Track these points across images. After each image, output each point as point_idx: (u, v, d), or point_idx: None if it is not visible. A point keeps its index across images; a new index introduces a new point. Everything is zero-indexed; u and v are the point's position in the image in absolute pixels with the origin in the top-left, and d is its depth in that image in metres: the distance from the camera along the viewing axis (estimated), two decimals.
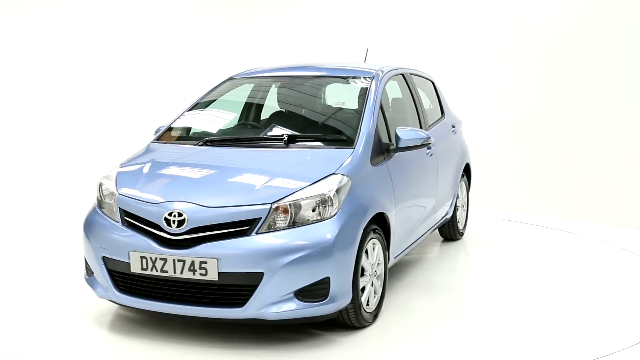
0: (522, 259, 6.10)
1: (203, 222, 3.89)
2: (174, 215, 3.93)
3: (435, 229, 5.95)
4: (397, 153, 4.75)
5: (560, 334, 4.31)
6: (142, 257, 3.96)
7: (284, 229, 3.87)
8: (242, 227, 3.87)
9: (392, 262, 4.75)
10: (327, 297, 3.88)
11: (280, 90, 5.52)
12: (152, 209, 4.04)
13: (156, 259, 3.92)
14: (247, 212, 3.88)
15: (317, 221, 3.91)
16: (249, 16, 10.64)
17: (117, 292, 4.15)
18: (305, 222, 3.90)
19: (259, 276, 3.79)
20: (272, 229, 3.87)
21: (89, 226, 4.33)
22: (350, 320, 4.18)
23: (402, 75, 5.59)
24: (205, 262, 3.82)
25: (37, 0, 9.22)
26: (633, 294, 5.09)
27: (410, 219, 5.02)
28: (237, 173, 4.32)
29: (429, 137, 4.78)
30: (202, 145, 4.73)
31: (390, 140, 4.77)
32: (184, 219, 3.91)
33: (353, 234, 4.00)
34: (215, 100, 5.41)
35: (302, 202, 3.93)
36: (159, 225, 3.98)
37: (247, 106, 5.56)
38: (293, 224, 3.89)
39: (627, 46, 7.21)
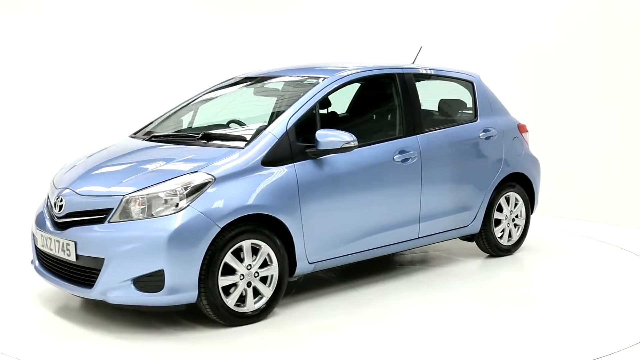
0: (521, 258, 6.08)
1: (75, 208, 4.37)
2: (59, 200, 4.47)
3: (441, 241, 5.68)
4: (325, 156, 4.70)
5: (560, 334, 4.31)
6: (41, 235, 4.56)
7: (136, 219, 4.16)
8: (100, 215, 4.24)
9: (308, 268, 4.69)
10: (162, 289, 4.09)
11: (247, 92, 5.69)
12: (54, 193, 4.63)
13: (47, 237, 4.48)
14: (103, 202, 4.29)
15: (166, 215, 4.13)
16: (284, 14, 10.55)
17: (37, 264, 4.72)
18: (158, 215, 4.14)
19: (101, 261, 4.13)
20: (124, 218, 4.18)
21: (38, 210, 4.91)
22: (212, 316, 4.31)
23: (395, 75, 5.41)
24: (69, 245, 4.28)
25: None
26: (633, 294, 5.09)
27: (346, 225, 4.86)
28: (128, 166, 4.65)
29: (350, 142, 4.65)
30: (147, 140, 5.08)
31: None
32: (63, 204, 4.42)
33: (202, 231, 4.13)
34: (198, 99, 5.67)
35: (152, 196, 4.18)
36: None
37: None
38: (151, 216, 4.15)
39: None
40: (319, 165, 4.71)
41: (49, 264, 4.57)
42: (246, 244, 4.34)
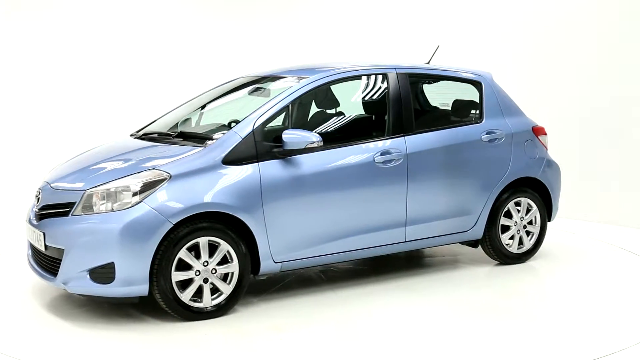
0: (532, 265, 5.80)
1: (48, 201, 4.62)
2: (38, 194, 4.77)
3: (435, 245, 5.46)
4: (296, 157, 4.69)
5: (560, 334, 4.26)
6: (27, 227, 4.81)
7: (96, 213, 4.32)
8: (65, 209, 4.44)
9: (274, 267, 4.63)
10: (113, 281, 4.23)
11: (237, 90, 5.70)
12: (39, 187, 4.88)
13: (29, 228, 4.76)
14: (69, 196, 4.49)
15: (120, 210, 4.28)
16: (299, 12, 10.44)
17: (29, 254, 4.92)
18: (116, 210, 4.30)
19: (62, 252, 4.35)
20: (86, 212, 4.35)
21: None
22: (166, 309, 4.39)
23: (386, 75, 5.28)
24: (40, 235, 4.52)
25: None
26: (633, 294, 5.05)
27: (317, 226, 4.78)
28: (103, 162, 4.77)
29: (315, 142, 4.64)
30: (137, 139, 5.19)
31: None
32: (40, 197, 4.71)
33: (153, 226, 4.24)
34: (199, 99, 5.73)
35: (110, 192, 4.34)
36: None
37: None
38: (111, 210, 4.30)
39: None
40: (287, 165, 4.70)
41: (34, 255, 4.83)
42: (202, 241, 4.39)
